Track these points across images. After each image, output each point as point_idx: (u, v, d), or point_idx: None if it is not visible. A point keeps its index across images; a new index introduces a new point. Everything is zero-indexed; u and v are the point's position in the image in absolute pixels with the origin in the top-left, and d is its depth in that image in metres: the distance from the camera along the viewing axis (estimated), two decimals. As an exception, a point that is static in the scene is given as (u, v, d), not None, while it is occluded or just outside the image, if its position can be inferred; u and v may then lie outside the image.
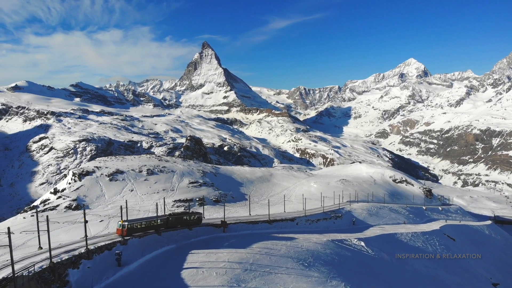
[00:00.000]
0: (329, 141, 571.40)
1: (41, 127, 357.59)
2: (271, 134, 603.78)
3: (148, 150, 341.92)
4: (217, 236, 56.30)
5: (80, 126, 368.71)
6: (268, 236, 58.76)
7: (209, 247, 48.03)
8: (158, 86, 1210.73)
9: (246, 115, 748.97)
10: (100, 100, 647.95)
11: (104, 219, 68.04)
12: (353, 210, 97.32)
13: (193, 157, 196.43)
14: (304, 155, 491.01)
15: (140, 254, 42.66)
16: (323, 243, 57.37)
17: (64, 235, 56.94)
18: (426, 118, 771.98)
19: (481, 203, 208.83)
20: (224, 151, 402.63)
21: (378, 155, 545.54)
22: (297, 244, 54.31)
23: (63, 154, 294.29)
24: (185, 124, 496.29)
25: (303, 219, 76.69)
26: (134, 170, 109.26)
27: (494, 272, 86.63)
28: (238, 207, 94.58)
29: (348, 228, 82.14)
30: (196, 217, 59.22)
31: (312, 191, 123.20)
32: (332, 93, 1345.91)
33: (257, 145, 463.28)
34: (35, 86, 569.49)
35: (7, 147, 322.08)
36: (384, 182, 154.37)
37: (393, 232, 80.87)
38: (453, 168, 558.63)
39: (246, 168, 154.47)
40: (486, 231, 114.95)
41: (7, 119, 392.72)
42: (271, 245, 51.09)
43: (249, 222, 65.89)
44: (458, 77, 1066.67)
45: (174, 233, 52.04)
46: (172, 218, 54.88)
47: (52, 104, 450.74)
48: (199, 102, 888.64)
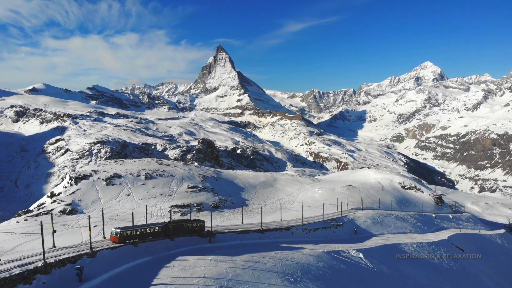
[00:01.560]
0: (343, 144, 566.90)
1: (57, 129, 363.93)
2: (284, 137, 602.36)
3: (162, 153, 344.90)
4: (201, 247, 52.50)
5: (95, 128, 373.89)
6: (258, 247, 55.04)
7: (188, 260, 44.95)
8: (173, 89, 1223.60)
9: (260, 118, 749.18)
10: (116, 103, 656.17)
11: (98, 225, 65.99)
12: (356, 218, 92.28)
13: (205, 159, 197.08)
14: (317, 158, 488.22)
15: (107, 268, 39.60)
16: (316, 255, 53.60)
17: (56, 241, 54.58)
18: (442, 122, 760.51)
19: (496, 210, 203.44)
20: (237, 154, 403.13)
21: (393, 159, 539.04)
22: (287, 256, 50.74)
23: (78, 156, 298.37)
24: (199, 127, 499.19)
25: (299, 228, 72.04)
26: (133, 174, 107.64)
27: (505, 284, 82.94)
28: (238, 213, 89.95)
29: (349, 238, 78.40)
30: (198, 225, 56.54)
31: (316, 197, 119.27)
32: (347, 96, 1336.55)
33: (270, 148, 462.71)
34: (52, 88, 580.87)
35: (24, 148, 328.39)
36: (393, 188, 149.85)
37: (396, 242, 76.55)
38: (469, 173, 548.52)
39: (249, 172, 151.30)
40: (499, 240, 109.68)
41: (24, 121, 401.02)
42: (257, 258, 47.52)
43: (239, 232, 61.70)
44: (475, 80, 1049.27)
45: (154, 244, 48.77)
46: (171, 226, 52.29)
47: (68, 106, 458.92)
48: (213, 105, 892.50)
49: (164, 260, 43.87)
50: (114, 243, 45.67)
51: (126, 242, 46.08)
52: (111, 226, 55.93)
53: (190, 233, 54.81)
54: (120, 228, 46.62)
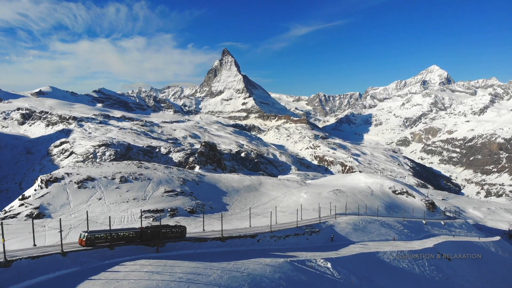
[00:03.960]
0: (348, 148, 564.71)
1: (62, 131, 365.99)
2: (289, 140, 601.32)
3: (166, 156, 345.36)
4: (145, 256, 47.12)
5: (100, 131, 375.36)
6: (212, 256, 51.20)
7: (120, 271, 40.47)
8: (179, 93, 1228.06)
9: (265, 121, 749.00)
10: (121, 106, 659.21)
11: (64, 229, 63.71)
12: (336, 224, 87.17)
13: (207, 162, 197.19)
14: (322, 162, 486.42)
15: (16, 280, 35.76)
16: (276, 265, 48.91)
17: (16, 245, 52.64)
18: (448, 126, 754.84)
19: (498, 215, 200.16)
20: (241, 157, 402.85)
21: (399, 163, 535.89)
22: (240, 266, 45.56)
23: (83, 158, 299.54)
24: (204, 130, 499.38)
25: (267, 235, 66.97)
26: (107, 177, 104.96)
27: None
28: (215, 218, 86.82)
29: (323, 246, 73.02)
30: (178, 230, 54.44)
31: (301, 201, 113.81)
32: (353, 100, 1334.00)
33: (274, 152, 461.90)
34: (59, 91, 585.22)
35: (29, 150, 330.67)
36: (383, 193, 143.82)
37: (375, 250, 71.47)
38: (476, 178, 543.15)
39: (234, 176, 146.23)
40: (492, 248, 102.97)
41: (30, 123, 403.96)
42: (203, 269, 42.49)
43: (195, 240, 56.64)
44: (482, 84, 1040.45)
45: (86, 253, 43.99)
46: (148, 231, 50.88)
47: (74, 109, 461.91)
48: (218, 108, 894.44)
49: (92, 271, 40.01)
50: (81, 246, 45.52)
51: (96, 246, 45.50)
52: (79, 230, 54.86)
53: (168, 239, 53.00)
54: (88, 232, 46.17)
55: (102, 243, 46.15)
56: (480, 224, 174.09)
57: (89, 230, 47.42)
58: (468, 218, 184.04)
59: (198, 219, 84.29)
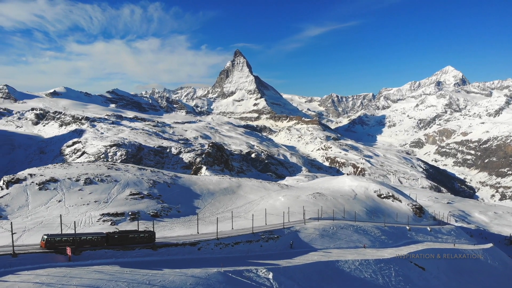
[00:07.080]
0: (360, 150, 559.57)
1: (75, 132, 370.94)
2: (300, 141, 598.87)
3: (177, 156, 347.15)
4: (52, 265, 41.33)
5: (112, 131, 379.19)
6: (135, 266, 45.12)
7: (8, 281, 35.34)
8: (192, 94, 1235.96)
9: (276, 122, 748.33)
10: (134, 107, 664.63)
11: (18, 232, 62.73)
12: (302, 230, 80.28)
13: (214, 163, 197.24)
14: (333, 164, 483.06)
15: None
16: (204, 277, 42.56)
17: None
18: (463, 128, 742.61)
19: (505, 220, 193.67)
20: (251, 158, 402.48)
21: (412, 165, 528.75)
22: (154, 279, 39.43)
23: (94, 158, 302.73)
24: (215, 130, 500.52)
25: (211, 242, 60.82)
26: (71, 178, 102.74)
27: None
28: (178, 223, 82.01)
29: (277, 254, 66.29)
30: (147, 235, 53.10)
31: (277, 205, 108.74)
32: (366, 101, 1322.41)
33: (285, 153, 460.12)
34: (73, 92, 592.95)
35: (43, 150, 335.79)
36: (367, 197, 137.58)
37: (335, 259, 64.76)
38: (490, 181, 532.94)
39: (213, 177, 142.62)
40: (481, 256, 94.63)
41: (44, 123, 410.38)
42: (106, 281, 36.83)
43: (121, 248, 51.36)
44: (497, 85, 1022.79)
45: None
46: (116, 236, 49.83)
47: (88, 110, 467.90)
48: (229, 109, 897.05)
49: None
50: (41, 248, 45.58)
51: (57, 249, 45.30)
52: (33, 233, 54.96)
53: (137, 244, 51.61)
54: (49, 235, 46.16)
55: (64, 247, 45.66)
56: (482, 229, 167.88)
57: (52, 234, 47.18)
58: (473, 223, 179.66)
59: (161, 223, 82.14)
